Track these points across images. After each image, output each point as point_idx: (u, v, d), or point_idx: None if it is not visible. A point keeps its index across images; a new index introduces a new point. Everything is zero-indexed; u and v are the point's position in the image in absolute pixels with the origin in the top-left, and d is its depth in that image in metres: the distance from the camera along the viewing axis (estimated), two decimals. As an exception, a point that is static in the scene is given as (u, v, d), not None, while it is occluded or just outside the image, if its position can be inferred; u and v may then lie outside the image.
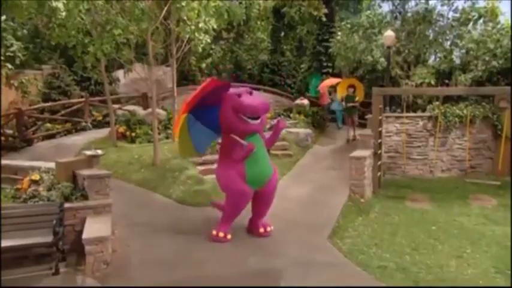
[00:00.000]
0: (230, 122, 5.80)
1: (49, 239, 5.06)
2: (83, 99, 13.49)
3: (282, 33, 19.80)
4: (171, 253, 5.65)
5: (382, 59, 13.10)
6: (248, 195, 5.96)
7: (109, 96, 10.97)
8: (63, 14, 8.13)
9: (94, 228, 5.29)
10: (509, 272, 5.13)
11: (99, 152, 6.80)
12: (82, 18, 8.87)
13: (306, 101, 15.36)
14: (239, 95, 5.78)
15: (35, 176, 6.30)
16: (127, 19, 7.92)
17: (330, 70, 17.14)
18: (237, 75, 19.21)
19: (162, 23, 9.36)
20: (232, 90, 5.97)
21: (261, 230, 6.18)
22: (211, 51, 18.99)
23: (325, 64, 17.29)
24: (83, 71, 11.69)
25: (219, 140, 6.76)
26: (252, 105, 5.63)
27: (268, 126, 12.73)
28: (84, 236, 5.06)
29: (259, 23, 20.48)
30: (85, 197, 6.01)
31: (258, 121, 5.81)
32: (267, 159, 6.11)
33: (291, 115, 14.49)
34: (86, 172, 6.16)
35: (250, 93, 5.94)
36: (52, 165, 6.70)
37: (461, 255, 5.69)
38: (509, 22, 11.80)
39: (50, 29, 9.26)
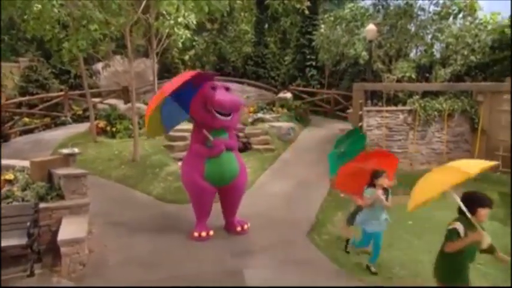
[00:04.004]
0: (198, 113, 5.81)
1: (24, 240, 4.99)
2: (62, 93, 13.24)
3: (266, 25, 19.65)
4: (149, 252, 5.63)
5: (364, 53, 13.16)
6: (207, 192, 5.96)
7: (88, 90, 10.79)
8: (39, 6, 7.91)
9: (70, 229, 5.23)
10: (479, 266, 5.28)
11: (76, 150, 6.68)
12: (59, 11, 8.65)
13: (289, 94, 15.39)
14: (213, 88, 5.74)
15: (9, 176, 6.17)
16: (104, 14, 7.74)
17: (314, 63, 17.14)
18: (221, 67, 19.08)
19: (141, 17, 9.19)
20: (209, 82, 5.91)
21: (238, 228, 6.22)
22: (194, 43, 18.77)
23: (308, 57, 17.28)
24: (62, 64, 11.45)
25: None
26: (221, 100, 5.57)
27: (250, 119, 12.76)
28: (60, 237, 5.00)
29: (242, 14, 20.28)
30: (61, 197, 5.92)
31: (228, 118, 5.76)
32: (233, 158, 6.04)
33: (274, 108, 14.49)
34: (61, 171, 6.07)
35: (227, 89, 5.90)
36: (27, 163, 6.57)
37: (435, 250, 5.82)
38: (487, 18, 11.96)
39: (25, 21, 9.01)
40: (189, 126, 9.95)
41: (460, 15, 12.68)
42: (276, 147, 11.31)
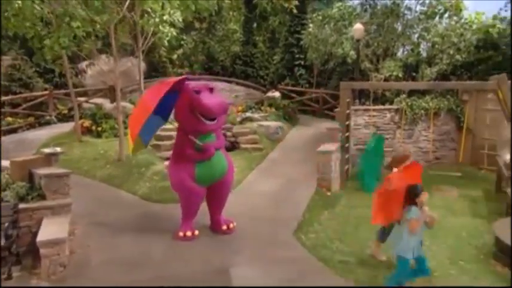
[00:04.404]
0: (185, 120, 5.67)
1: (1, 242, 4.85)
2: (46, 92, 13.02)
3: (255, 24, 19.60)
4: (133, 252, 5.53)
5: (352, 52, 13.20)
6: (199, 194, 5.89)
7: (72, 89, 10.63)
8: (19, 2, 7.74)
9: (50, 230, 5.11)
10: (463, 263, 5.33)
11: (58, 149, 6.56)
12: (41, 8, 8.47)
13: (277, 94, 15.38)
14: (198, 91, 5.56)
15: (-12, 176, 6.00)
16: (87, 11, 7.58)
17: (302, 62, 17.15)
18: (209, 66, 18.98)
19: (126, 14, 9.06)
20: (191, 84, 5.72)
21: (224, 227, 6.14)
22: (182, 43, 18.65)
23: (297, 56, 17.28)
24: (45, 63, 11.26)
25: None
26: (209, 105, 5.41)
27: (238, 119, 12.70)
28: (39, 238, 4.87)
29: (231, 13, 20.19)
30: (42, 197, 5.79)
31: (214, 122, 5.65)
32: (221, 157, 5.98)
33: (262, 108, 14.45)
34: (43, 171, 5.93)
35: (211, 90, 5.77)
36: (7, 163, 6.41)
37: (423, 249, 5.83)
38: (472, 17, 12.11)
39: (6, 18, 8.80)
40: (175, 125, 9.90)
41: (446, 15, 12.81)
42: (264, 147, 11.28)
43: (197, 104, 5.46)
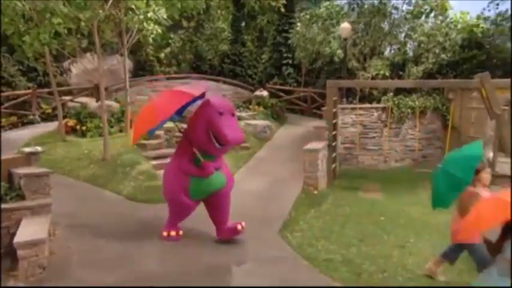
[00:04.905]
0: (195, 134, 5.45)
1: (-22, 244, 4.71)
2: (29, 91, 12.77)
3: (243, 23, 19.54)
4: (115, 253, 5.41)
5: (340, 51, 13.26)
6: (189, 208, 5.74)
7: (55, 88, 10.42)
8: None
9: (28, 230, 4.96)
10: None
11: (39, 149, 6.38)
12: (23, 5, 8.27)
13: (265, 92, 15.36)
14: (221, 113, 5.31)
15: (-35, 176, 5.83)
16: (68, 7, 7.41)
17: (290, 61, 17.15)
18: (197, 65, 18.87)
19: (111, 11, 8.92)
20: (215, 102, 5.45)
21: (239, 227, 5.76)
22: (170, 41, 18.49)
23: (285, 55, 17.28)
24: (27, 60, 11.00)
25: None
26: (229, 137, 5.20)
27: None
28: (17, 239, 4.72)
29: (219, 12, 20.09)
30: (22, 197, 5.64)
31: (224, 147, 5.50)
32: (219, 175, 5.68)
33: (250, 106, 14.40)
34: (22, 170, 5.77)
35: (233, 115, 5.56)
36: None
37: (405, 244, 5.86)
38: (457, 17, 12.26)
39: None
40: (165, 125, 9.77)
41: (432, 14, 12.96)
42: (251, 146, 11.22)
43: (217, 129, 5.25)
